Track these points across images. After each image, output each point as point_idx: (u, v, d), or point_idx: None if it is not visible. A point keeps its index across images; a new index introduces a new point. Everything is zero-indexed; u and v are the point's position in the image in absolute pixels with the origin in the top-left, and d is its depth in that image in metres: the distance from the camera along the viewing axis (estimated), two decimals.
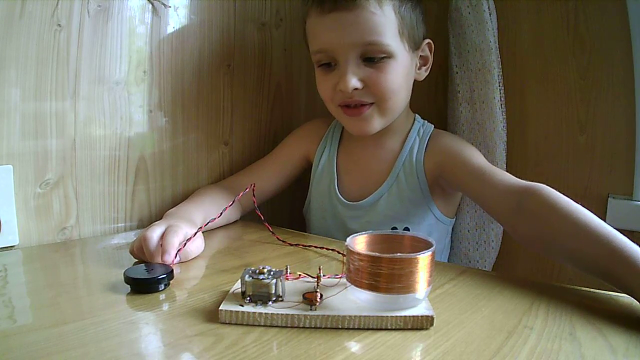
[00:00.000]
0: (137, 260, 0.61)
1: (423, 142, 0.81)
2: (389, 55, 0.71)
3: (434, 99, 1.03)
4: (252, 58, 0.96)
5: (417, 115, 0.86)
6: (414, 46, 0.76)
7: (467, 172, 0.72)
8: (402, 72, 0.74)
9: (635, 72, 0.79)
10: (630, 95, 0.80)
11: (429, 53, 0.80)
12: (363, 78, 0.72)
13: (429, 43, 0.79)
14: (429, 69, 0.81)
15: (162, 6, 0.80)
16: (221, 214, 0.68)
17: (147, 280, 0.50)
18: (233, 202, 0.68)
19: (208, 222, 0.67)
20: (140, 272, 0.51)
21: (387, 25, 0.70)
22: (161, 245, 0.58)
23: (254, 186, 0.72)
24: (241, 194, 0.68)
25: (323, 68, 0.76)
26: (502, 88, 0.89)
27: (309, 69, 1.05)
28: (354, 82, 0.71)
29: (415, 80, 0.79)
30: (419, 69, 0.79)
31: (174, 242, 0.58)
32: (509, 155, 0.90)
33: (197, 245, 0.63)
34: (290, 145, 0.92)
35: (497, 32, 0.88)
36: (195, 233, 0.63)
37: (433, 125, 0.84)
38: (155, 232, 0.59)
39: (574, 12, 0.84)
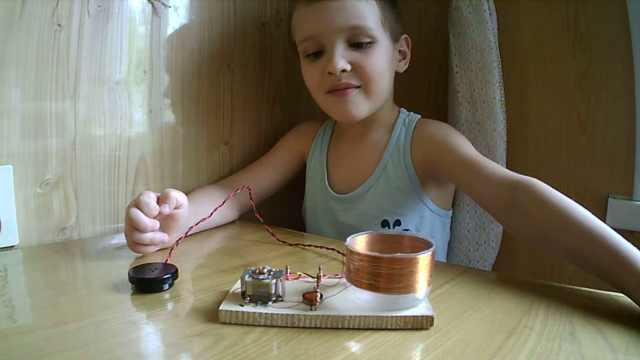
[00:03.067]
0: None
1: (409, 131, 0.81)
2: (373, 40, 0.75)
3: (434, 99, 1.03)
4: (252, 58, 0.96)
5: (402, 108, 0.86)
6: (394, 38, 0.79)
7: (456, 162, 0.72)
8: (385, 58, 0.77)
9: (635, 72, 0.79)
10: (630, 95, 0.80)
11: (406, 48, 0.84)
12: (350, 61, 0.74)
13: (406, 38, 0.83)
14: (408, 63, 0.84)
15: (162, 6, 0.80)
16: (211, 214, 0.69)
17: (151, 280, 0.50)
18: (223, 203, 0.69)
19: (199, 222, 0.68)
20: (145, 272, 0.51)
21: (371, 12, 0.75)
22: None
23: (250, 190, 0.74)
24: (231, 195, 0.70)
25: (310, 58, 0.78)
26: (502, 88, 0.89)
27: None
28: (342, 63, 0.73)
29: (397, 72, 0.82)
30: (399, 62, 0.83)
31: (145, 196, 0.61)
32: (509, 155, 0.90)
33: (177, 193, 0.65)
34: (286, 145, 0.93)
35: (497, 32, 0.88)
36: (187, 233, 0.66)
37: (419, 115, 0.85)
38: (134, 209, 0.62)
39: (574, 12, 0.84)
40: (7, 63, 0.64)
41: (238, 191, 0.72)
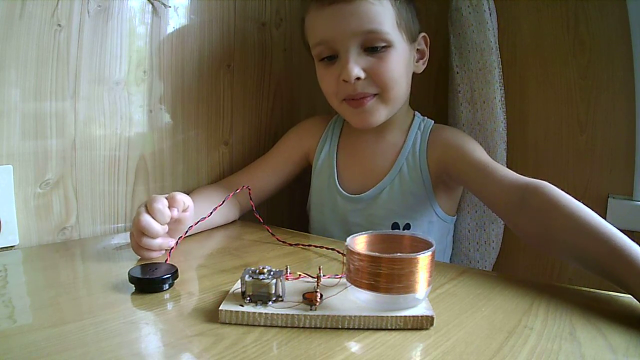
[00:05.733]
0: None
1: (425, 136, 0.81)
2: (388, 44, 0.73)
3: (434, 99, 1.03)
4: (252, 58, 0.96)
5: (416, 111, 0.86)
6: (411, 38, 0.77)
7: (469, 166, 0.73)
8: (402, 61, 0.75)
9: (635, 72, 0.79)
10: (630, 95, 0.80)
11: (425, 46, 0.81)
12: (365, 67, 0.72)
13: (424, 36, 0.81)
14: (426, 62, 0.82)
15: (162, 6, 0.80)
16: (210, 213, 0.68)
17: (151, 280, 0.50)
18: (222, 203, 0.69)
19: (198, 221, 0.67)
20: (145, 272, 0.51)
21: (386, 15, 0.72)
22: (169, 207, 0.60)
23: (250, 190, 0.73)
24: (231, 194, 0.69)
25: (324, 63, 0.77)
26: (503, 88, 0.89)
27: (309, 69, 1.04)
28: (356, 70, 0.71)
29: (414, 73, 0.80)
30: (417, 62, 0.81)
31: (158, 202, 0.60)
32: (509, 155, 0.90)
33: (182, 196, 0.64)
34: (289, 144, 0.92)
35: (497, 32, 0.88)
36: (187, 233, 0.65)
37: (433, 121, 0.85)
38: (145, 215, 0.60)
39: (574, 12, 0.84)
40: (7, 63, 0.64)
41: (237, 191, 0.71)
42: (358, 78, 0.72)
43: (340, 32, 0.72)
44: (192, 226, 0.66)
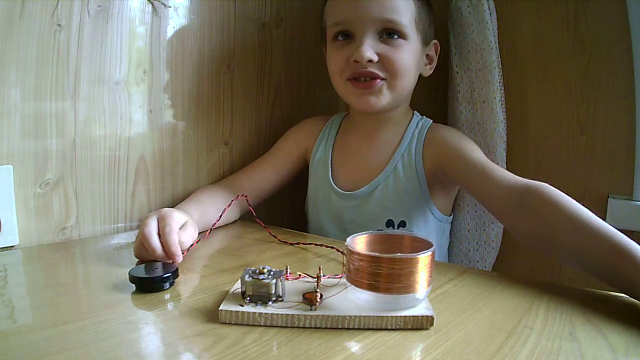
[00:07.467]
0: (139, 260, 0.61)
1: (422, 134, 0.82)
2: (404, 37, 0.75)
3: (434, 99, 1.03)
4: (252, 58, 0.96)
5: (415, 111, 0.86)
6: (424, 41, 0.79)
7: (466, 166, 0.73)
8: (414, 56, 0.77)
9: (635, 72, 0.79)
10: (630, 95, 0.80)
11: (434, 54, 0.84)
12: (378, 52, 0.74)
13: (435, 43, 0.83)
14: (433, 68, 0.84)
15: (162, 6, 0.80)
16: (214, 225, 0.69)
17: (152, 280, 0.50)
18: (221, 214, 0.71)
19: (199, 239, 0.67)
20: (145, 272, 0.51)
21: (407, 9, 0.75)
22: (163, 248, 0.58)
23: (247, 198, 0.75)
24: (226, 208, 0.72)
25: (338, 42, 0.78)
26: (502, 88, 0.89)
27: (308, 69, 1.05)
28: (369, 53, 0.73)
29: (420, 75, 0.82)
30: (425, 65, 0.82)
31: (174, 239, 0.58)
32: (509, 155, 0.90)
33: (190, 234, 0.63)
34: (288, 143, 0.92)
35: (497, 32, 0.88)
36: (189, 249, 0.63)
37: (431, 120, 0.85)
38: (152, 227, 0.59)
39: (574, 12, 0.84)
40: (7, 63, 0.64)
41: (232, 201, 0.74)
42: (370, 61, 0.73)
43: (361, 15, 0.74)
44: (193, 244, 0.65)
